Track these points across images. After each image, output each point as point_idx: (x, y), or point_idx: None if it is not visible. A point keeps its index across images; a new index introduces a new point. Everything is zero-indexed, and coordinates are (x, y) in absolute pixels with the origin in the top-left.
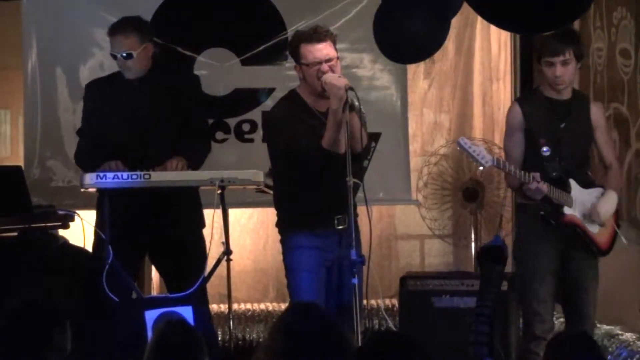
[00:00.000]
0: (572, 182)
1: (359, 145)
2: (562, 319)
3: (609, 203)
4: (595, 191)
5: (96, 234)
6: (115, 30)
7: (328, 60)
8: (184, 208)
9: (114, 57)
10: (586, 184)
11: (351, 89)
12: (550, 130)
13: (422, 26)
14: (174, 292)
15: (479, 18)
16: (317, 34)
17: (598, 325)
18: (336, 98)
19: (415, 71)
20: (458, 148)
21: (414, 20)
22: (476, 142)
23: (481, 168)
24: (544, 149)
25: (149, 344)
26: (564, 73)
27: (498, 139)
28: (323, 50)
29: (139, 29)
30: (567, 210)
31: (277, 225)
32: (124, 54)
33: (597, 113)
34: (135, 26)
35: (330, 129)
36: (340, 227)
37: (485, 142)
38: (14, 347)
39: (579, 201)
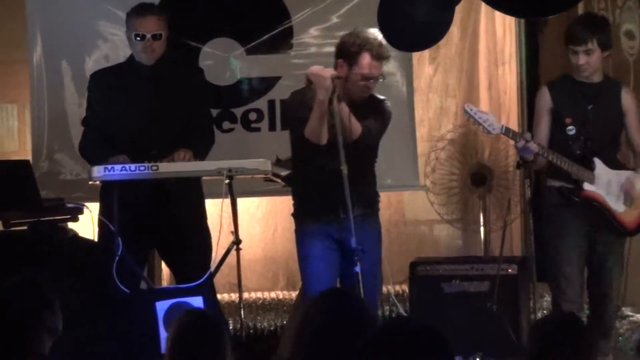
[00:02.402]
0: (597, 161)
1: (349, 135)
2: None
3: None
4: (624, 172)
5: (101, 225)
6: (146, 11)
7: (376, 79)
8: (188, 200)
9: (142, 37)
10: (615, 165)
11: (338, 77)
12: (577, 111)
13: (427, 13)
14: (182, 284)
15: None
16: (382, 52)
17: None
18: (322, 88)
19: (421, 57)
20: (465, 115)
21: (418, 8)
22: (484, 110)
23: (490, 134)
24: (569, 127)
25: (170, 334)
26: (587, 61)
27: (505, 121)
28: (380, 68)
29: (165, 12)
30: (587, 186)
31: (292, 214)
32: (155, 34)
33: (627, 98)
34: (162, 9)
35: (312, 119)
36: (344, 216)
37: None
38: (7, 331)
39: (604, 180)
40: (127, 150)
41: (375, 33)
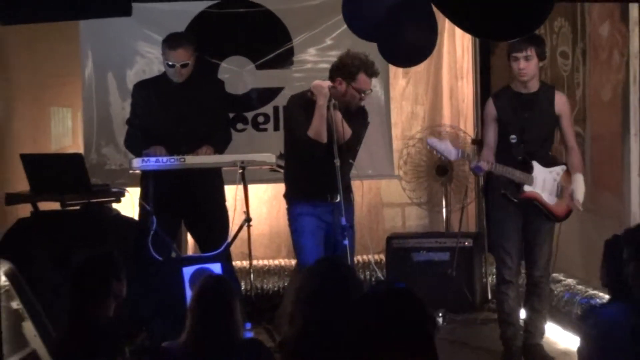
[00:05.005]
0: (535, 164)
1: (341, 137)
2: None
3: (580, 186)
4: (557, 169)
5: (140, 205)
6: (178, 44)
7: (367, 92)
8: (210, 186)
9: (172, 66)
10: (548, 163)
11: (334, 87)
12: (516, 120)
13: (416, 36)
14: (204, 253)
15: (446, 27)
16: (375, 71)
17: None
18: (321, 95)
19: (396, 72)
20: (428, 147)
21: (409, 31)
22: (442, 139)
23: (448, 160)
24: (512, 136)
25: (193, 293)
26: (526, 67)
27: (463, 125)
28: (371, 83)
29: (193, 42)
30: (526, 188)
31: (284, 196)
32: (183, 64)
33: (560, 102)
34: (191, 40)
35: (315, 121)
36: (333, 200)
37: (452, 128)
38: (80, 295)
39: (540, 179)
40: (163, 146)
41: (366, 54)
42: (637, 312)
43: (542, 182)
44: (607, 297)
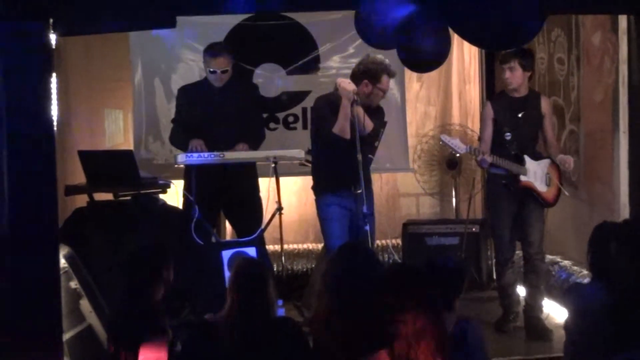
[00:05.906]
0: (527, 158)
1: (364, 129)
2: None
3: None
4: (544, 161)
5: (184, 196)
6: (219, 53)
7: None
8: (246, 178)
9: (214, 72)
10: (536, 157)
11: (357, 94)
12: (511, 120)
13: (432, 46)
14: (241, 238)
15: (455, 36)
16: (394, 72)
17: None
18: (346, 98)
19: (410, 76)
20: (440, 142)
21: (426, 42)
22: (453, 137)
23: (458, 154)
24: (507, 134)
25: (231, 274)
26: (510, 77)
27: (470, 124)
28: (390, 85)
29: (231, 51)
30: (522, 178)
31: (312, 188)
32: (224, 70)
33: (545, 105)
34: (229, 49)
35: (340, 120)
36: (356, 191)
37: (461, 126)
38: (135, 281)
39: (532, 170)
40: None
41: (384, 58)
42: (613, 291)
43: (534, 173)
44: None
